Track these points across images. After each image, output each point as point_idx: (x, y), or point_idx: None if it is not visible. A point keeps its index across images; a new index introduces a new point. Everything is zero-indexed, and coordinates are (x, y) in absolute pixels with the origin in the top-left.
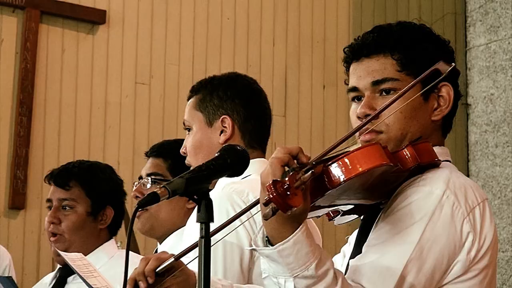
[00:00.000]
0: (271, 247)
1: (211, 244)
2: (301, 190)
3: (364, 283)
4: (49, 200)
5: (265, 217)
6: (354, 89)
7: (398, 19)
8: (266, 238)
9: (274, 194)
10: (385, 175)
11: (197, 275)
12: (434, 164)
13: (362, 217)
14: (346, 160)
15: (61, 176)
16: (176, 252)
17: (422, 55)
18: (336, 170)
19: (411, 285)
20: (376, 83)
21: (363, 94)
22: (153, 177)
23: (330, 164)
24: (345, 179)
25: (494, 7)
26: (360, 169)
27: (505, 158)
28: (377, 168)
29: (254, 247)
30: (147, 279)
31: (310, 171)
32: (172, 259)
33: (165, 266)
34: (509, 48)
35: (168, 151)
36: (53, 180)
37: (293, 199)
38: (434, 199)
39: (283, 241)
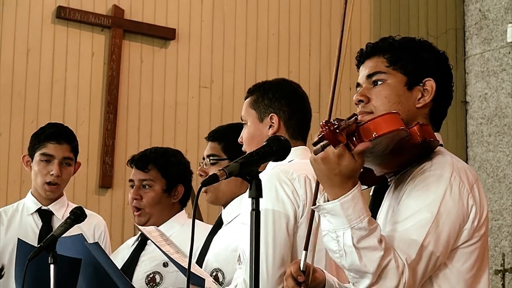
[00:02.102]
0: (334, 201)
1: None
2: (343, 133)
3: (395, 248)
4: (131, 180)
5: (315, 152)
6: (358, 84)
7: (410, 32)
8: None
9: (326, 130)
10: (399, 144)
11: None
12: (434, 143)
13: (372, 190)
14: (374, 123)
15: (140, 161)
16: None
17: (407, 53)
18: (368, 128)
19: (431, 252)
20: (369, 76)
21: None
22: (211, 158)
23: (363, 124)
24: (376, 135)
25: (487, 24)
26: (386, 129)
27: (496, 145)
28: (398, 131)
29: (317, 205)
30: (298, 278)
31: (354, 117)
32: (304, 252)
33: (305, 261)
34: (500, 56)
35: (221, 135)
36: (134, 164)
37: (340, 137)
38: (444, 180)
39: (344, 195)
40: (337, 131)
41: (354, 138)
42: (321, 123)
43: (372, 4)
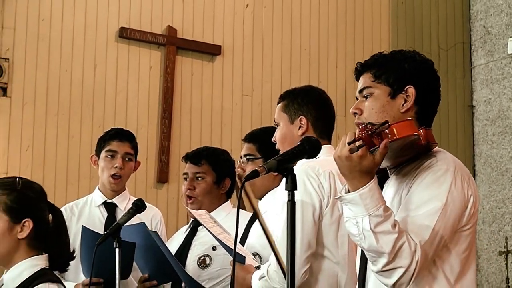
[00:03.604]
0: (354, 192)
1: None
2: (378, 137)
3: (408, 232)
4: (185, 173)
5: (352, 151)
6: (356, 98)
7: (424, 47)
8: (347, 191)
9: (365, 133)
10: (408, 144)
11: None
12: (433, 145)
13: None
14: (395, 127)
15: (195, 157)
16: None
17: (390, 66)
18: (390, 132)
19: (441, 235)
20: (360, 91)
21: None
22: (247, 156)
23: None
24: (396, 137)
25: (491, 38)
26: (404, 133)
27: (499, 143)
28: (413, 135)
29: (340, 195)
30: None
31: (387, 124)
32: None
33: None
34: (501, 66)
35: (255, 137)
36: (189, 159)
37: (375, 140)
38: (450, 174)
39: (362, 187)
40: (374, 135)
41: (379, 137)
42: (360, 126)
43: (390, 22)
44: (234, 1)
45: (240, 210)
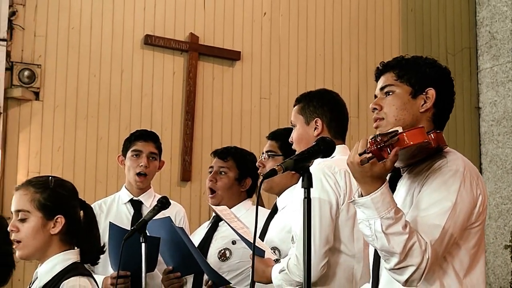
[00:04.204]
0: (366, 196)
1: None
2: (387, 149)
3: (419, 231)
4: (211, 167)
5: (362, 163)
6: (375, 96)
7: (432, 51)
8: (360, 195)
9: (374, 147)
10: (419, 148)
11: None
12: (443, 147)
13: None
14: (406, 136)
15: (223, 152)
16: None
17: (412, 68)
18: (401, 140)
19: (451, 234)
20: (382, 88)
21: None
22: (269, 153)
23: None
24: (406, 145)
25: (496, 43)
26: (415, 141)
27: (505, 143)
28: (424, 142)
29: (353, 199)
30: None
31: (396, 136)
32: None
33: None
34: (506, 70)
35: (278, 136)
36: (217, 154)
37: (384, 153)
38: (459, 175)
39: (374, 192)
40: (382, 148)
41: (388, 148)
42: (369, 139)
43: (401, 29)
44: (252, 9)
45: (260, 207)
